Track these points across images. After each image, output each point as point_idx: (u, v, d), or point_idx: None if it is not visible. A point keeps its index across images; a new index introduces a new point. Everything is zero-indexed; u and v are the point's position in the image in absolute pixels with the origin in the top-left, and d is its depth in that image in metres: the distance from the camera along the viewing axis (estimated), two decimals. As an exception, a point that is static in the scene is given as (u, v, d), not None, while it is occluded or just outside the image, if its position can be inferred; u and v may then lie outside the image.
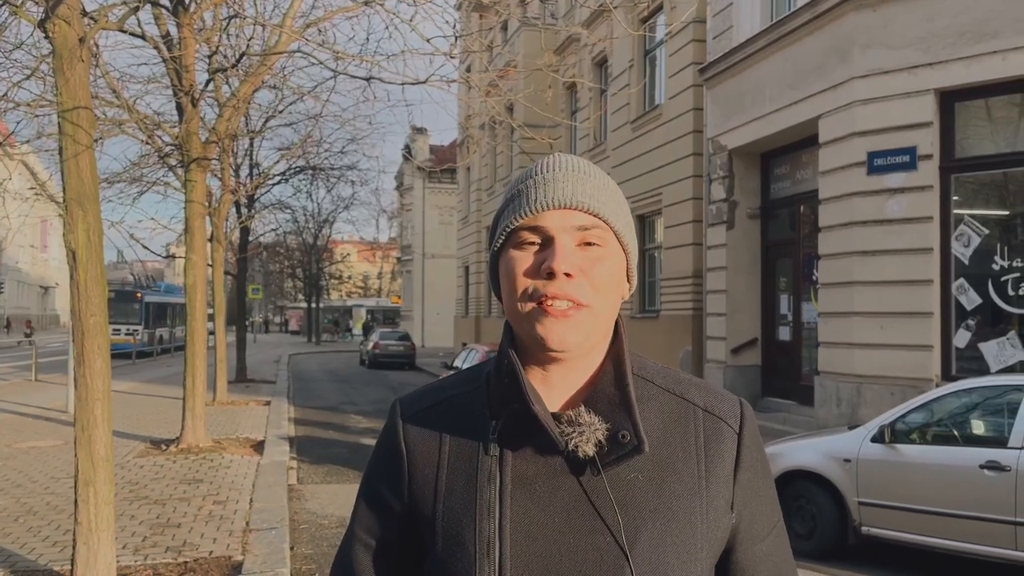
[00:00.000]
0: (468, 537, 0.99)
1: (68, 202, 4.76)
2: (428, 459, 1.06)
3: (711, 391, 1.09)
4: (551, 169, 1.04)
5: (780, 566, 1.10)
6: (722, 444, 1.04)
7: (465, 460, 1.03)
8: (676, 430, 1.04)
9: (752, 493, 1.06)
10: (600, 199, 1.02)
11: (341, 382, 23.26)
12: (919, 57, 9.32)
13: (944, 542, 5.81)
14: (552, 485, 0.99)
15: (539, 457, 1.00)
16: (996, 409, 6.04)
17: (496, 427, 1.02)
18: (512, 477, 1.00)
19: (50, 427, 11.85)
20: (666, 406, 1.05)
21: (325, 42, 8.25)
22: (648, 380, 1.06)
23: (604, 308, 1.01)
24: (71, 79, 4.78)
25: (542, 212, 1.00)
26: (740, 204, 13.16)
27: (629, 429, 0.98)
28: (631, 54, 17.30)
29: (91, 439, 4.69)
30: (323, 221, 42.09)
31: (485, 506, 0.99)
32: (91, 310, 4.77)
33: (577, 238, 1.00)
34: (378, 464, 1.13)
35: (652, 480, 1.00)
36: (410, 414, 1.11)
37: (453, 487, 1.03)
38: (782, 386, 12.47)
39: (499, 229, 1.04)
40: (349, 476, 9.41)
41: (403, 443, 1.09)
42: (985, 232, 9.11)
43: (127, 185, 14.25)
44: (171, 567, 5.38)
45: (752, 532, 1.06)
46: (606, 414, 0.99)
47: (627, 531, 0.96)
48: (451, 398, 1.10)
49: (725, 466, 1.03)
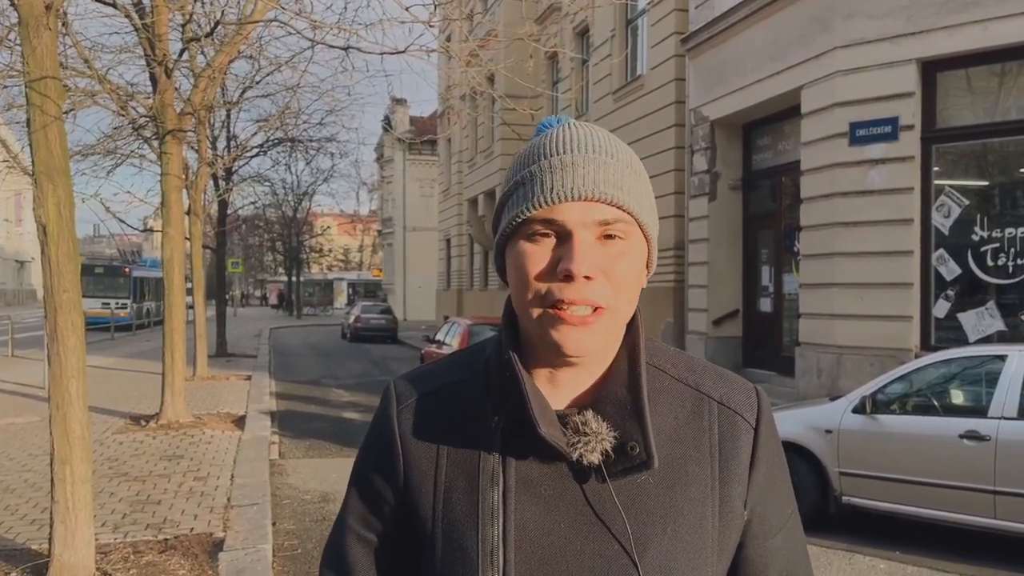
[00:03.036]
0: (470, 543, 0.93)
1: (37, 175, 4.65)
2: (425, 454, 0.99)
3: (726, 380, 1.02)
4: (568, 150, 0.92)
5: (791, 559, 1.04)
6: (738, 441, 0.98)
7: (466, 458, 0.97)
8: (689, 427, 0.97)
9: (767, 489, 1.01)
10: (625, 187, 0.91)
11: (323, 356, 23.19)
12: (901, 26, 9.27)
13: (924, 511, 5.88)
14: (558, 488, 0.94)
15: (544, 457, 0.94)
16: (975, 379, 6.10)
17: (498, 424, 0.95)
18: (516, 479, 0.94)
19: (27, 403, 11.72)
20: (679, 399, 0.99)
21: (302, 11, 8.10)
22: (661, 369, 1.00)
23: (624, 307, 0.93)
24: (38, 48, 4.64)
25: (558, 204, 0.89)
26: (722, 176, 13.13)
27: (639, 441, 0.91)
28: (613, 23, 17.14)
29: (66, 417, 4.62)
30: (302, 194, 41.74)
31: (488, 511, 0.93)
32: (64, 286, 4.67)
33: (597, 232, 0.90)
34: (371, 453, 1.06)
35: (663, 483, 0.94)
36: (405, 403, 1.04)
37: (453, 487, 0.96)
38: (763, 357, 12.53)
39: (507, 218, 0.94)
40: (331, 451, 9.39)
41: (397, 434, 1.02)
42: (965, 203, 9.13)
43: (101, 157, 14.02)
44: (151, 544, 5.33)
45: (764, 528, 1.01)
46: (615, 420, 0.93)
47: (636, 538, 0.91)
48: (448, 386, 1.03)
49: (740, 464, 0.98)
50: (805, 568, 1.07)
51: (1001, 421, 5.50)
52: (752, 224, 13.10)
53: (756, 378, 11.96)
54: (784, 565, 1.03)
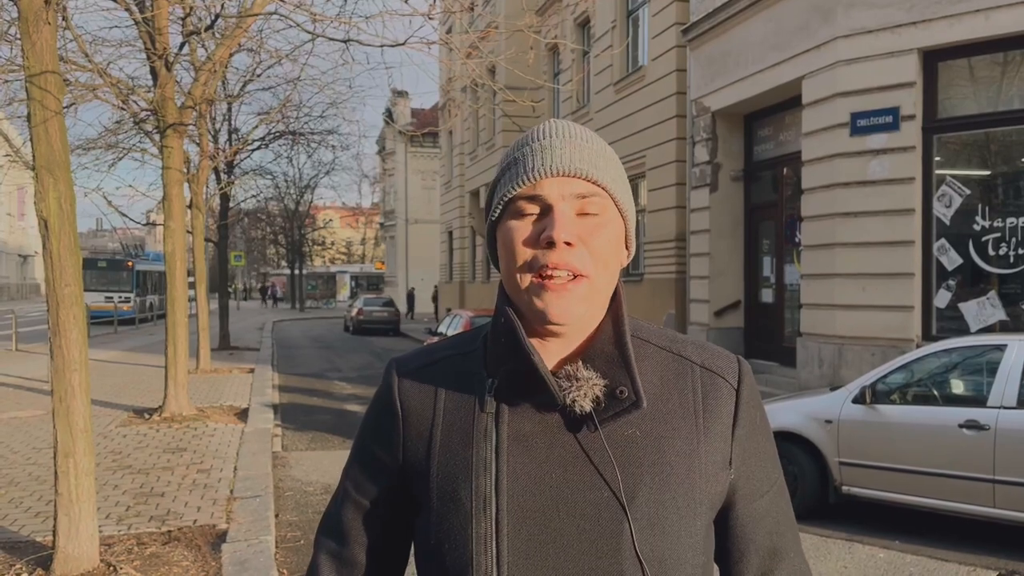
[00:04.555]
0: (464, 493, 0.98)
1: (38, 170, 4.66)
2: (423, 416, 1.05)
3: (708, 349, 1.08)
4: (548, 136, 1.01)
5: (780, 522, 1.09)
6: (720, 400, 1.03)
7: (461, 417, 1.03)
8: (674, 387, 1.03)
9: (751, 450, 1.05)
10: (599, 165, 1.00)
11: (325, 348, 23.23)
12: (902, 16, 9.25)
13: (923, 500, 5.90)
14: (549, 441, 0.98)
15: (536, 414, 0.99)
16: (975, 369, 6.10)
17: (493, 385, 1.01)
18: (509, 434, 0.99)
19: (31, 397, 11.77)
20: (663, 364, 1.05)
21: (302, 4, 8.08)
22: (645, 340, 1.06)
23: (603, 277, 0.99)
24: (37, 43, 4.65)
25: (540, 180, 0.98)
26: (723, 166, 13.11)
27: (627, 385, 0.97)
28: (614, 14, 17.10)
29: (69, 410, 4.64)
30: (304, 187, 41.80)
31: (481, 463, 0.98)
32: (65, 280, 4.69)
33: (576, 206, 0.98)
34: (372, 422, 1.12)
35: (650, 436, 0.99)
36: (405, 372, 1.10)
37: (449, 444, 1.02)
38: (765, 348, 12.54)
39: (496, 199, 1.02)
40: (333, 443, 9.42)
41: (398, 400, 1.08)
42: (967, 192, 9.12)
43: (103, 152, 14.02)
44: (155, 536, 5.36)
45: (751, 489, 1.06)
46: (604, 371, 0.98)
47: (625, 486, 0.96)
48: (448, 358, 1.10)
49: (723, 422, 1.03)
50: (792, 532, 1.11)
51: (1000, 410, 5.51)
52: (753, 215, 13.09)
53: (758, 368, 11.97)
54: (772, 527, 1.08)
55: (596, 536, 0.95)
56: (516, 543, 0.95)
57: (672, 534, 0.96)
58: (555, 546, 0.95)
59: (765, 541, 1.07)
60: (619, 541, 0.94)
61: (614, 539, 0.94)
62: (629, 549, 0.94)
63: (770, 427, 1.11)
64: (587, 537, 0.95)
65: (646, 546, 0.94)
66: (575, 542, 0.95)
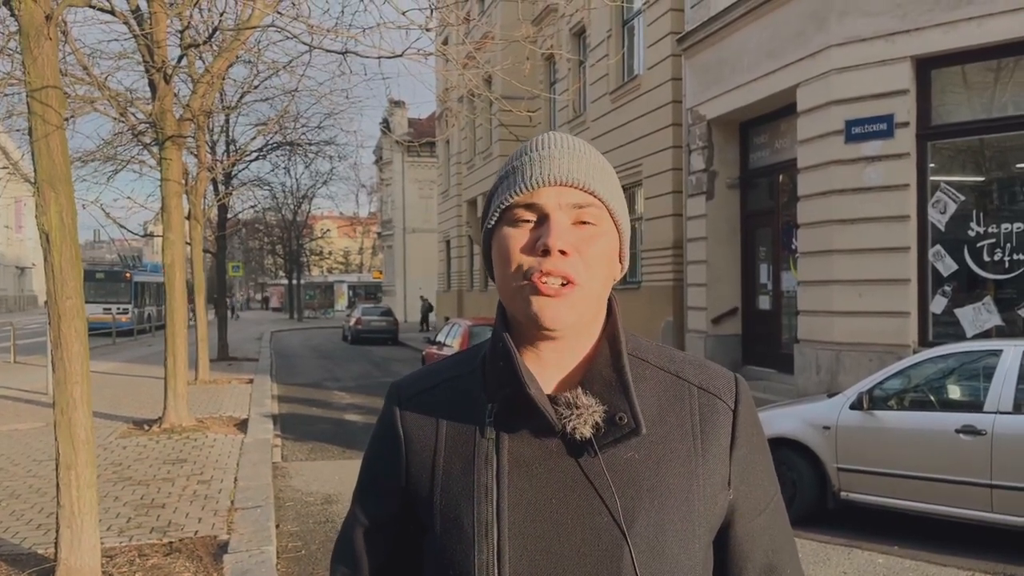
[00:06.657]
0: (466, 520, 0.99)
1: (40, 183, 4.69)
2: (425, 443, 1.07)
3: (706, 368, 1.09)
4: (547, 146, 1.03)
5: (777, 539, 1.09)
6: (717, 421, 1.04)
7: (462, 443, 1.04)
8: (672, 409, 1.04)
9: (749, 469, 1.06)
10: (596, 177, 1.01)
11: (324, 358, 23.22)
12: (896, 24, 9.32)
13: (921, 505, 5.93)
14: (549, 467, 0.99)
15: (536, 439, 1.00)
16: (972, 374, 6.14)
17: (492, 410, 1.02)
18: (509, 459, 1.00)
19: (31, 409, 11.77)
20: (661, 385, 1.05)
21: (299, 15, 8.13)
22: (642, 359, 1.06)
23: (595, 287, 1.00)
24: (39, 58, 4.69)
25: (537, 189, 0.99)
26: (719, 174, 13.17)
27: (626, 411, 0.98)
28: (609, 24, 17.18)
29: (71, 422, 4.66)
30: (302, 197, 41.78)
31: (483, 489, 0.99)
32: (67, 293, 4.72)
33: (572, 216, 1.00)
34: (376, 450, 1.14)
35: (649, 459, 1.00)
36: (406, 398, 1.11)
37: (451, 470, 1.03)
38: (762, 354, 12.57)
39: (493, 206, 1.04)
40: (333, 453, 9.44)
41: (400, 428, 1.09)
42: (961, 199, 9.17)
43: (101, 164, 14.06)
44: (156, 547, 5.38)
45: (749, 507, 1.06)
46: (603, 396, 0.99)
47: (625, 511, 0.96)
48: (447, 381, 1.11)
49: (721, 443, 1.04)
50: (790, 548, 1.12)
51: (997, 415, 5.54)
52: (750, 222, 13.14)
53: (756, 375, 12.01)
54: (769, 543, 1.08)
55: (596, 561, 0.96)
56: (518, 569, 0.96)
57: (671, 557, 0.97)
58: (556, 571, 0.96)
59: (763, 559, 1.08)
60: (619, 566, 0.95)
61: (614, 564, 0.95)
62: (630, 573, 0.95)
63: (767, 443, 1.11)
64: (588, 562, 0.96)
65: (646, 570, 0.95)
66: (576, 567, 0.96)
